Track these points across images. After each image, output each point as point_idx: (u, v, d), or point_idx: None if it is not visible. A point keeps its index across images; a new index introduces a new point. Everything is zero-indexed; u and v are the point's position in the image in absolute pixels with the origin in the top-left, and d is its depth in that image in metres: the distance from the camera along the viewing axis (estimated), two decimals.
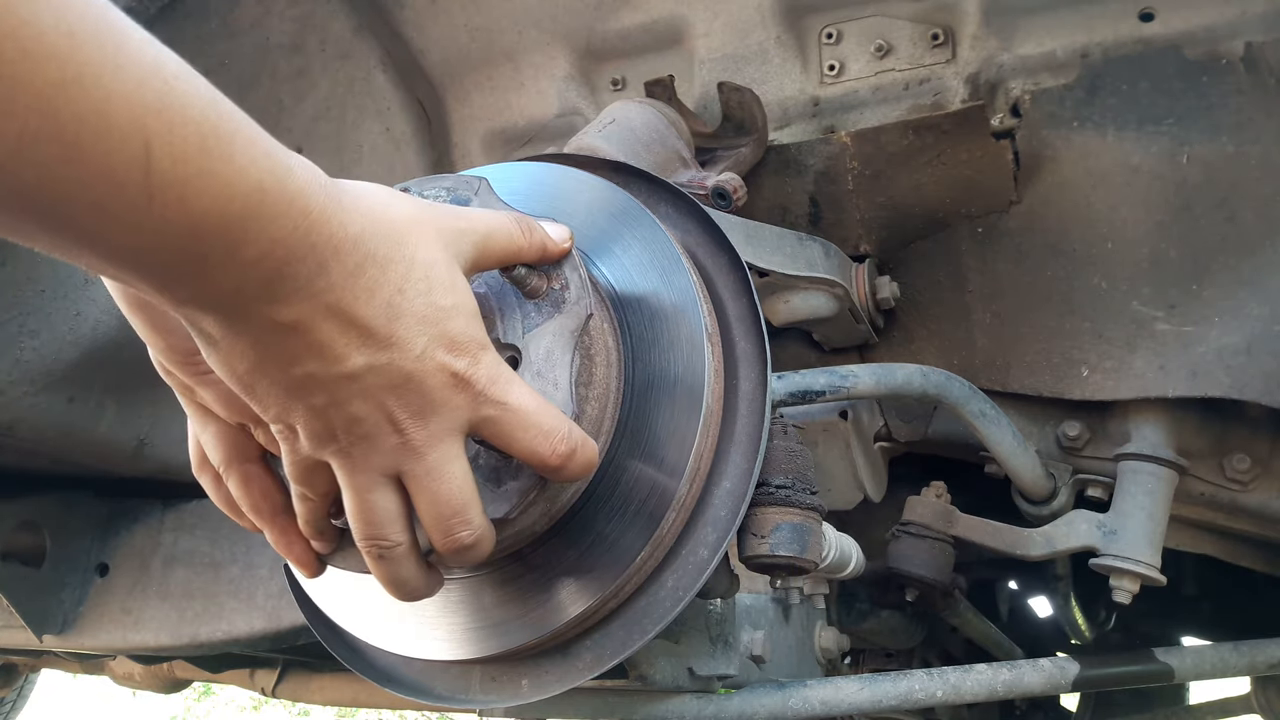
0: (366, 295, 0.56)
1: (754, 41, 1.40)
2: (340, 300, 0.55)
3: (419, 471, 0.61)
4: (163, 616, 1.57)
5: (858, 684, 1.11)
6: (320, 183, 0.54)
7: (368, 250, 0.56)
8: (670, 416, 0.76)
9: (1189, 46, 1.21)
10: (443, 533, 0.63)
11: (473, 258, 0.65)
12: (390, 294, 0.57)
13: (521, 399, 0.63)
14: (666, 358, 0.78)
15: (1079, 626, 2.30)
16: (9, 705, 3.22)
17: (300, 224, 0.52)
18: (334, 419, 0.58)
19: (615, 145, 1.17)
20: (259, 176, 0.50)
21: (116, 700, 5.62)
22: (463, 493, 0.62)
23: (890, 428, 1.43)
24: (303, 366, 0.56)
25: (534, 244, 0.71)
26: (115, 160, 0.44)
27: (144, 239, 0.47)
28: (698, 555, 0.84)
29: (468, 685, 0.89)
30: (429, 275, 0.59)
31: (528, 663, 0.88)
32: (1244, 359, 1.15)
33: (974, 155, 1.30)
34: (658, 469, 0.75)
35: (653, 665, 0.97)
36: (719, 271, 0.92)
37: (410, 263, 0.58)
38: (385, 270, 0.57)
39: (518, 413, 0.63)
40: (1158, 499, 1.21)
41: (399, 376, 0.58)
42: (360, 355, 0.56)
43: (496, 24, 1.47)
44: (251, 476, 0.68)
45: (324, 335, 0.55)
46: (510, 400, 0.62)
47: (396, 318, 0.57)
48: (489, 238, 0.67)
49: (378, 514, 0.62)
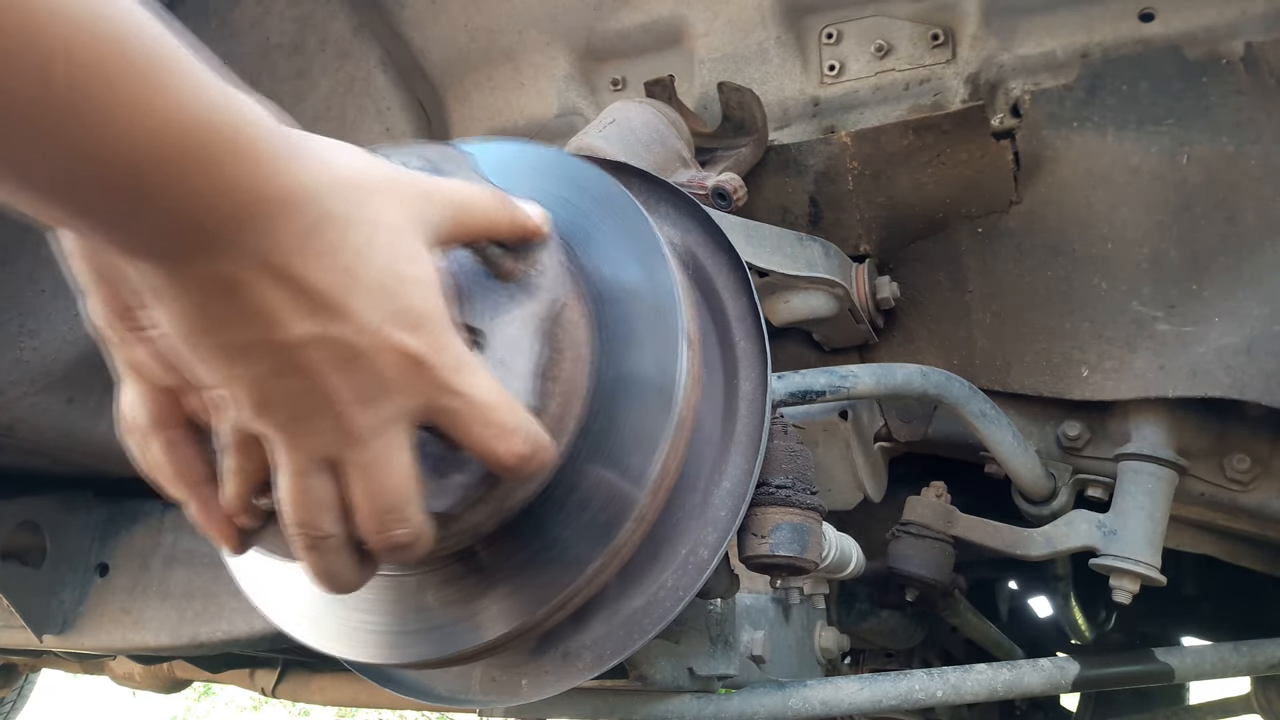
0: (319, 258, 0.51)
1: (754, 41, 1.40)
2: (289, 261, 0.50)
3: (359, 460, 0.55)
4: (163, 616, 1.57)
5: (858, 684, 1.11)
6: (277, 130, 0.50)
7: (325, 208, 0.51)
8: (641, 421, 0.71)
9: (1189, 46, 1.21)
10: (378, 528, 0.58)
11: (444, 229, 0.60)
12: (347, 259, 0.52)
13: (482, 390, 0.58)
14: (641, 358, 0.72)
15: (1079, 626, 2.30)
16: (9, 705, 3.21)
17: (248, 172, 0.47)
18: (273, 391, 0.53)
19: (615, 145, 1.17)
20: (201, 112, 0.45)
21: (116, 700, 5.62)
22: (403, 488, 0.57)
23: (890, 428, 1.43)
24: (244, 331, 0.51)
25: (512, 222, 0.66)
26: (21, 69, 0.40)
27: (65, 167, 0.43)
28: (698, 555, 0.84)
29: (468, 685, 0.90)
30: (393, 242, 0.54)
31: (528, 662, 0.88)
32: (1244, 359, 1.15)
33: (974, 155, 1.30)
34: (621, 475, 0.71)
35: (653, 665, 0.97)
36: (719, 271, 0.92)
37: (373, 226, 0.53)
38: (343, 232, 0.52)
39: (477, 405, 0.58)
40: (1158, 499, 1.21)
41: (349, 352, 0.52)
42: (307, 324, 0.51)
43: (496, 24, 1.47)
44: (176, 442, 0.62)
45: (268, 299, 0.50)
46: (470, 390, 0.57)
47: (352, 286, 0.52)
48: (464, 209, 0.62)
49: (310, 500, 0.56)
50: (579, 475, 0.71)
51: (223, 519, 0.63)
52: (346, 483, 0.56)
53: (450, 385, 0.56)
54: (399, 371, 0.54)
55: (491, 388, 0.59)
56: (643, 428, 0.71)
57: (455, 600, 0.72)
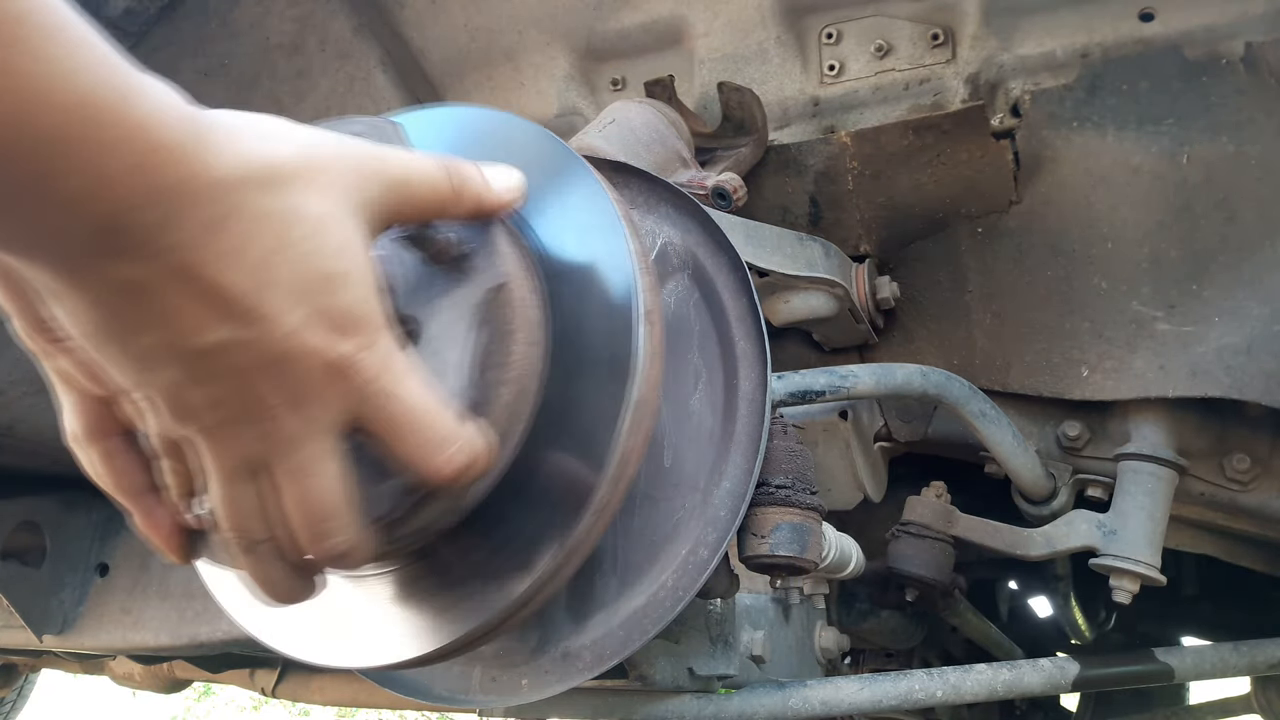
0: (229, 256, 0.46)
1: (754, 41, 1.40)
2: (194, 260, 0.45)
3: (286, 468, 0.52)
4: (163, 616, 1.56)
5: (858, 684, 1.11)
6: (178, 111, 0.44)
7: (235, 201, 0.46)
8: (600, 405, 0.66)
9: (1189, 46, 1.21)
10: (311, 538, 0.54)
11: (383, 209, 0.54)
12: (261, 256, 0.47)
13: (414, 397, 0.53)
14: (598, 338, 0.67)
15: (1079, 626, 2.30)
16: (9, 705, 3.21)
17: (144, 159, 0.42)
18: (190, 398, 0.49)
19: (615, 145, 1.17)
20: (86, 89, 0.40)
21: (116, 700, 5.62)
22: (333, 496, 0.53)
23: (890, 428, 1.43)
24: (150, 335, 0.46)
25: (464, 196, 0.60)
26: None
27: None
28: (698, 555, 0.84)
29: (468, 685, 0.90)
30: (316, 233, 0.49)
31: (528, 662, 0.88)
32: (1244, 359, 1.15)
33: (974, 155, 1.30)
34: (581, 462, 0.65)
35: (653, 665, 0.97)
36: (719, 271, 0.92)
37: (292, 216, 0.48)
38: (257, 226, 0.47)
39: (407, 414, 0.53)
40: (1158, 499, 1.21)
41: (267, 357, 0.48)
42: (219, 329, 0.46)
43: (496, 24, 1.47)
44: (113, 452, 0.58)
45: (173, 302, 0.45)
46: (400, 396, 0.53)
47: (267, 286, 0.47)
48: (405, 185, 0.56)
49: (241, 507, 0.53)
50: (538, 462, 0.66)
51: (166, 528, 0.59)
52: (276, 490, 0.53)
53: (378, 389, 0.52)
54: (323, 377, 0.50)
55: (423, 396, 0.54)
56: (602, 411, 0.65)
57: (413, 603, 0.69)
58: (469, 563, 0.67)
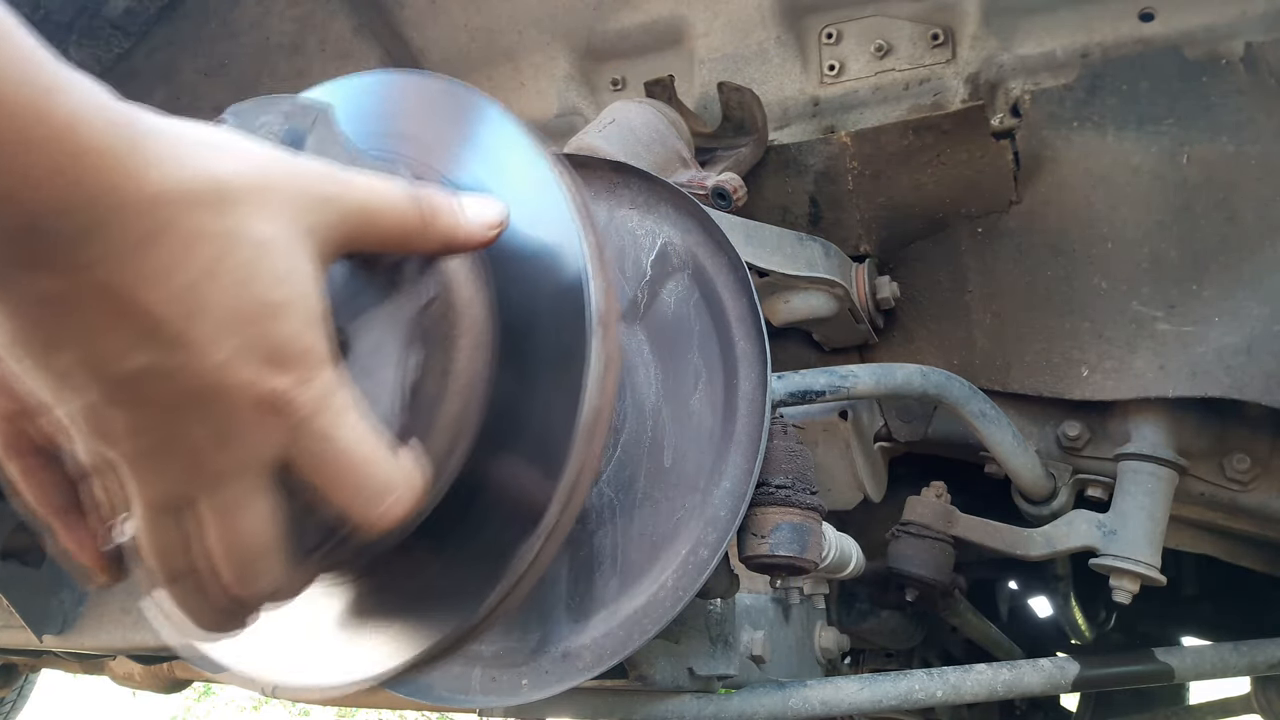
0: (156, 277, 0.42)
1: (754, 41, 1.40)
2: (118, 278, 0.41)
3: (210, 505, 0.48)
4: None
5: (858, 684, 1.11)
6: (112, 113, 0.40)
7: (168, 217, 0.42)
8: (554, 415, 0.61)
9: (1189, 46, 1.21)
10: (234, 578, 0.50)
11: (339, 236, 0.50)
12: (193, 279, 0.43)
13: (351, 441, 0.49)
14: (550, 343, 0.62)
15: (1079, 626, 2.30)
16: (9, 705, 3.21)
17: (68, 162, 0.39)
18: (110, 423, 0.45)
19: (615, 145, 1.17)
20: (4, 81, 0.37)
21: (116, 700, 5.62)
22: (259, 538, 0.49)
23: (890, 428, 1.43)
24: (69, 354, 0.43)
25: (432, 230, 0.55)
26: None
27: None
28: (698, 555, 0.84)
29: (468, 685, 0.90)
30: (258, 259, 0.45)
31: (528, 662, 0.88)
32: (1244, 359, 1.15)
33: (974, 155, 1.30)
34: (535, 475, 0.61)
35: (653, 665, 0.97)
36: (719, 271, 0.93)
37: (232, 239, 0.44)
38: (191, 246, 0.43)
39: (342, 459, 0.49)
40: (1158, 499, 1.21)
41: (192, 388, 0.44)
42: (141, 354, 0.43)
43: (496, 24, 1.47)
44: (31, 470, 0.54)
45: (94, 321, 0.42)
46: (336, 439, 0.48)
47: (197, 312, 0.43)
48: (366, 212, 0.51)
49: (164, 539, 0.49)
50: (490, 469, 0.62)
51: (90, 548, 0.55)
52: (201, 525, 0.49)
53: (314, 434, 0.48)
54: (253, 414, 0.46)
55: (362, 440, 0.50)
56: (555, 422, 0.61)
57: (366, 622, 0.65)
58: (422, 579, 0.63)
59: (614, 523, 0.89)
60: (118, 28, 1.37)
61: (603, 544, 0.89)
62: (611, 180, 1.00)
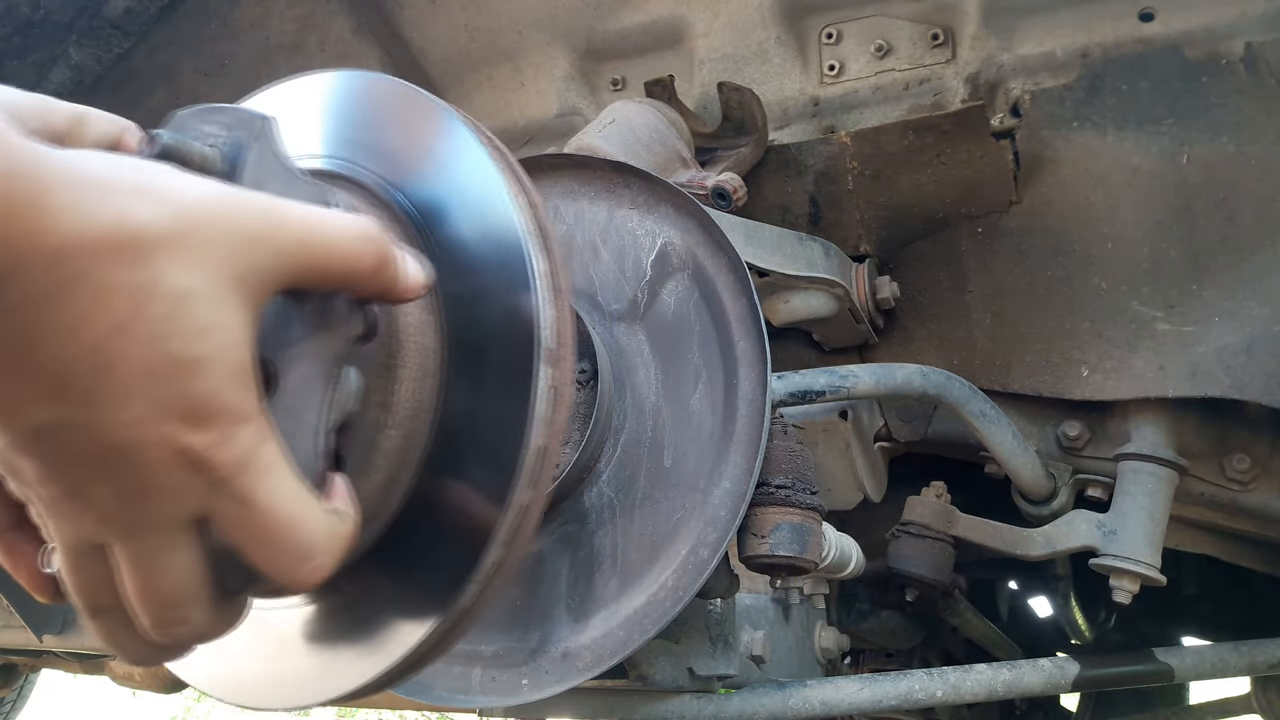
0: (65, 331, 0.39)
1: (754, 41, 1.40)
2: (22, 332, 0.39)
3: (126, 554, 0.46)
4: None
5: (858, 684, 1.11)
6: (17, 153, 0.38)
7: (77, 269, 0.39)
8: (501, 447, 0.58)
9: (1189, 46, 1.21)
10: (154, 625, 0.48)
11: (274, 278, 0.46)
12: (103, 334, 0.40)
13: (270, 503, 0.46)
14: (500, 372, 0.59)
15: (1079, 626, 2.30)
16: (9, 705, 3.21)
17: None
18: (21, 469, 0.44)
19: (615, 145, 1.17)
20: None
21: (116, 700, 5.62)
22: (176, 589, 0.47)
23: (890, 428, 1.43)
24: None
25: (382, 275, 0.51)
26: None
27: None
28: (698, 555, 0.84)
29: (468, 685, 0.90)
30: (174, 311, 0.42)
31: (528, 662, 0.88)
32: (1244, 359, 1.15)
33: (974, 155, 1.30)
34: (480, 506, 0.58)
35: (653, 665, 0.97)
36: (719, 271, 0.93)
37: (147, 291, 0.41)
38: (101, 300, 0.40)
39: (263, 521, 0.46)
40: (1158, 499, 1.21)
41: (102, 444, 0.42)
42: (47, 409, 0.41)
43: (496, 24, 1.47)
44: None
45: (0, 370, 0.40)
46: (258, 501, 0.46)
47: (106, 368, 0.41)
48: (305, 249, 0.47)
49: (83, 577, 0.48)
50: (439, 503, 0.60)
51: (27, 570, 0.53)
52: (118, 572, 0.47)
53: (232, 490, 0.45)
54: (170, 470, 0.43)
55: (286, 501, 0.47)
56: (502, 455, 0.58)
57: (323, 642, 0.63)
58: (378, 598, 0.62)
59: (614, 523, 0.89)
60: (118, 28, 1.37)
61: (603, 544, 0.89)
62: (611, 180, 1.00)
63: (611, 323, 0.96)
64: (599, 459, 0.91)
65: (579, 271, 0.99)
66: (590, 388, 0.92)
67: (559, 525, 0.91)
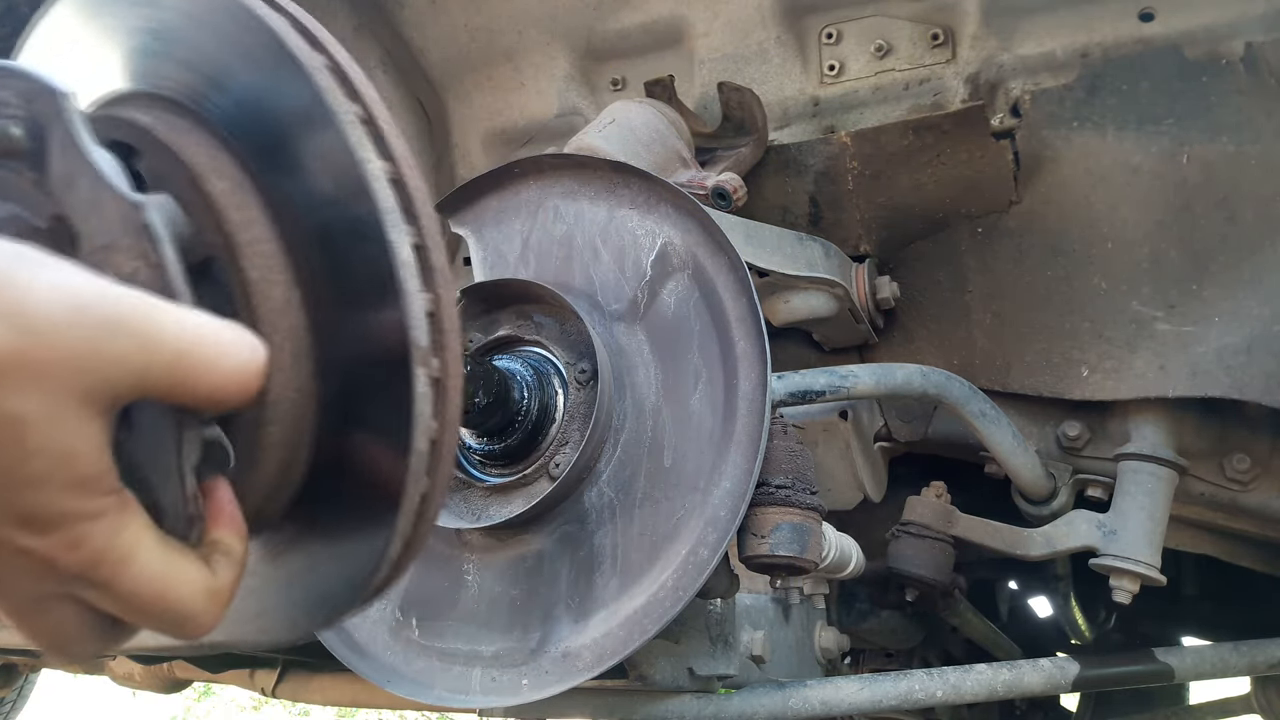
0: None
1: (754, 41, 1.40)
2: None
3: (5, 609, 0.48)
4: None
5: (858, 684, 1.11)
6: None
7: None
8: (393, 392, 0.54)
9: (1189, 46, 1.21)
10: (50, 653, 0.50)
11: (134, 391, 0.45)
12: None
13: (135, 584, 0.47)
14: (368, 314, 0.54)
15: (1079, 626, 2.30)
16: (9, 705, 3.21)
17: None
18: None
19: (615, 145, 1.17)
20: None
21: (116, 700, 5.62)
22: (60, 636, 0.49)
23: (890, 428, 1.43)
24: None
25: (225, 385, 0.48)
26: None
27: None
28: (698, 555, 0.84)
29: (468, 685, 0.90)
30: (6, 436, 0.42)
31: (528, 662, 0.88)
32: (1244, 359, 1.15)
33: (974, 155, 1.30)
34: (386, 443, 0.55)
35: (653, 665, 0.97)
36: (719, 271, 0.93)
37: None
38: None
39: (128, 601, 0.47)
40: (1158, 499, 1.21)
41: None
42: None
43: (496, 24, 1.47)
44: None
45: None
46: (120, 585, 0.46)
47: None
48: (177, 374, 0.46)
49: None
50: (342, 454, 0.57)
51: None
52: None
53: (93, 583, 0.46)
54: (30, 569, 0.45)
55: (147, 581, 0.47)
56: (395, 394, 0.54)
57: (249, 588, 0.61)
58: (293, 568, 0.62)
59: (614, 523, 0.89)
60: None
61: (603, 544, 0.89)
62: (611, 180, 1.00)
63: (611, 323, 0.96)
64: (599, 459, 0.91)
65: (579, 272, 0.99)
66: (590, 388, 0.92)
67: (559, 525, 0.91)
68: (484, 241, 1.06)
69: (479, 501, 0.94)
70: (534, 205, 1.04)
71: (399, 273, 0.52)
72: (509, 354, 0.97)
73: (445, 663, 0.92)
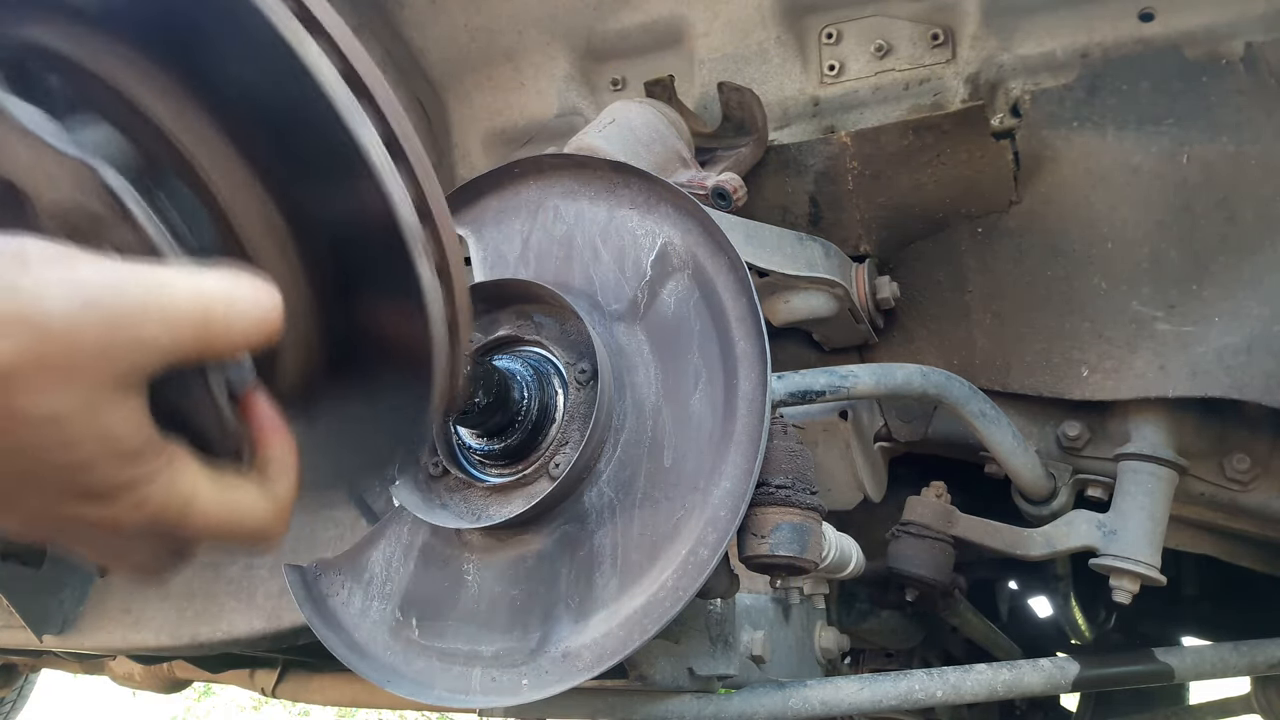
0: None
1: (754, 41, 1.40)
2: None
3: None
4: (163, 616, 1.57)
5: (858, 684, 1.11)
6: None
7: None
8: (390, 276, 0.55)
9: (1189, 46, 1.21)
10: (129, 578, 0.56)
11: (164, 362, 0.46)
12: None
13: (205, 518, 0.51)
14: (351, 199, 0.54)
15: (1079, 626, 2.30)
16: (9, 705, 3.22)
17: None
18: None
19: (615, 145, 1.17)
20: None
21: (116, 700, 5.62)
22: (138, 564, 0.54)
23: (890, 428, 1.43)
24: None
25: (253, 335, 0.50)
26: None
27: None
28: (698, 555, 0.84)
29: (468, 685, 0.90)
30: (44, 434, 0.43)
31: (528, 662, 0.88)
32: (1244, 359, 1.15)
33: (974, 155, 1.30)
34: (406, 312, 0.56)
35: (653, 665, 0.97)
36: (719, 271, 0.92)
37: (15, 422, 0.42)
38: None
39: (204, 532, 0.51)
40: (1158, 499, 1.21)
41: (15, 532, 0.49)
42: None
43: (496, 24, 1.47)
44: None
45: None
46: (192, 522, 0.50)
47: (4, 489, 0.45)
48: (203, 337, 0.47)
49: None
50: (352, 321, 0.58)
51: None
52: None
53: (168, 525, 0.50)
54: (104, 532, 0.49)
55: (213, 513, 0.51)
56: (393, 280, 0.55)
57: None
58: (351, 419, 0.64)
59: (614, 523, 0.89)
60: None
61: (603, 544, 0.89)
62: (611, 180, 1.00)
63: (611, 323, 0.96)
64: (599, 459, 0.91)
65: (579, 272, 0.99)
66: (590, 387, 0.92)
67: (559, 525, 0.91)
68: (484, 241, 1.06)
69: (479, 501, 0.94)
70: (534, 205, 1.04)
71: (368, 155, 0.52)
72: (509, 354, 0.97)
73: (445, 663, 0.92)
